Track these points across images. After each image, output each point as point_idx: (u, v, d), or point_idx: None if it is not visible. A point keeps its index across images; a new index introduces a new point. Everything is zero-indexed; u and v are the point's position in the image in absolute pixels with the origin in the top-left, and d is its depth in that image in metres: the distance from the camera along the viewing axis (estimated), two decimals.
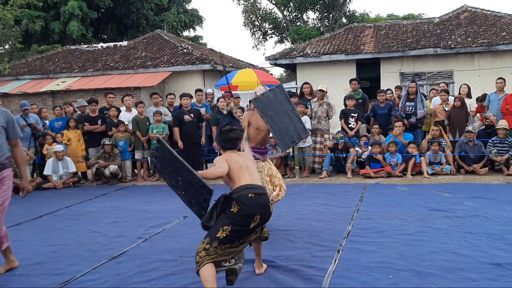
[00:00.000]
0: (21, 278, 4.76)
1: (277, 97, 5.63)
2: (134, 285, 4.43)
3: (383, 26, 20.42)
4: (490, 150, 9.68)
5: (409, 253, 4.92)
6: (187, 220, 6.90)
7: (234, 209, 3.77)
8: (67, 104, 12.26)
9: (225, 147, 4.15)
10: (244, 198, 3.79)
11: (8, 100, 18.63)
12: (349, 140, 10.50)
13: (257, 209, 3.80)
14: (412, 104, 10.29)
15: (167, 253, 5.30)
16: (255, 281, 4.35)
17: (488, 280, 4.15)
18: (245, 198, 3.79)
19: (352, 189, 8.71)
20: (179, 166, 3.81)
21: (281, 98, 5.69)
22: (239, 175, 3.94)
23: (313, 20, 36.60)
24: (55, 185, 10.57)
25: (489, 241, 5.23)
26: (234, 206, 3.78)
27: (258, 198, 3.84)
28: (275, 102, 5.57)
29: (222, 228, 3.74)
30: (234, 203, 3.79)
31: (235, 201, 3.79)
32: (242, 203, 3.77)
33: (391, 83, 15.52)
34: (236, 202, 3.78)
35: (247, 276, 4.44)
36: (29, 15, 25.79)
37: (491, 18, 18.34)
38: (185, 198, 4.05)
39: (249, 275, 4.47)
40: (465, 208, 6.81)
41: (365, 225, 6.10)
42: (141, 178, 11.14)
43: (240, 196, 3.80)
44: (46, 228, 6.89)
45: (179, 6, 34.26)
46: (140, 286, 4.39)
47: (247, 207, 3.76)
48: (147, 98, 15.33)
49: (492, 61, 16.21)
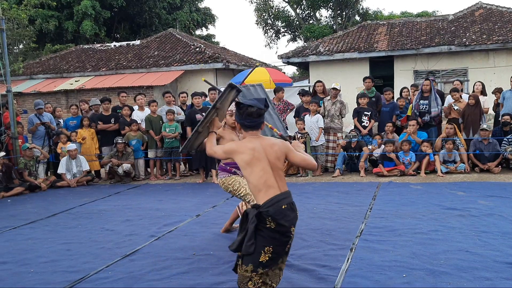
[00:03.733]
0: (35, 276, 4.81)
1: (257, 93, 5.52)
2: (147, 283, 4.45)
3: (397, 23, 20.31)
4: (505, 148, 9.60)
5: (422, 252, 4.89)
6: (200, 219, 6.93)
7: (271, 225, 3.29)
8: (82, 101, 12.39)
9: (246, 124, 3.50)
10: (279, 213, 3.30)
11: (23, 99, 18.82)
12: (362, 139, 10.47)
13: (290, 222, 3.35)
14: (426, 102, 10.23)
15: (180, 252, 5.33)
16: None
17: (503, 279, 4.12)
18: (280, 213, 3.31)
19: (365, 188, 8.69)
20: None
21: (260, 95, 5.57)
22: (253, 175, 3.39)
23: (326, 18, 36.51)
24: (69, 183, 10.66)
25: (504, 240, 5.19)
26: (269, 222, 3.29)
27: (289, 211, 3.36)
28: (255, 95, 5.43)
29: (264, 250, 3.29)
30: (269, 219, 3.28)
31: (271, 217, 3.28)
32: (278, 218, 3.28)
33: (404, 81, 15.46)
34: (272, 218, 3.28)
35: None
36: (43, 14, 26.04)
37: (506, 14, 18.15)
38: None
39: None
40: (480, 207, 6.76)
41: (378, 224, 6.09)
42: (154, 176, 11.19)
43: (276, 212, 3.29)
44: (60, 226, 6.95)
45: (192, 5, 34.33)
46: (153, 284, 4.41)
47: (284, 222, 3.30)
48: (160, 97, 15.40)
49: (507, 59, 16.06)
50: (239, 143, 3.55)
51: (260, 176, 3.37)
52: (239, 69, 19.57)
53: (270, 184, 3.38)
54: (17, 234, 6.58)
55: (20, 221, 7.37)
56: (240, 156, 3.44)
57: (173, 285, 4.36)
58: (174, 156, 11.02)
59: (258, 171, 3.38)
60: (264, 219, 3.29)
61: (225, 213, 7.09)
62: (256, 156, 3.40)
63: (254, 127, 3.51)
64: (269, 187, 3.37)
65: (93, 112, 11.70)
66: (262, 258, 3.29)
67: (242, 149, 3.45)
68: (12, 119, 11.00)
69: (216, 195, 8.65)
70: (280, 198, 3.36)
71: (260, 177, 3.37)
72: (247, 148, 3.44)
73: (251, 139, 3.51)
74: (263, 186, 3.37)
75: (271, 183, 3.38)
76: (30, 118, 11.48)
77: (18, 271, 4.98)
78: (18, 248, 5.83)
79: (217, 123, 4.04)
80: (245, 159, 3.42)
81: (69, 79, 20.16)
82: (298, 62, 19.11)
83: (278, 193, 3.37)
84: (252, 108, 3.46)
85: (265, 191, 3.36)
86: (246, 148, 3.44)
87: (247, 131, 3.54)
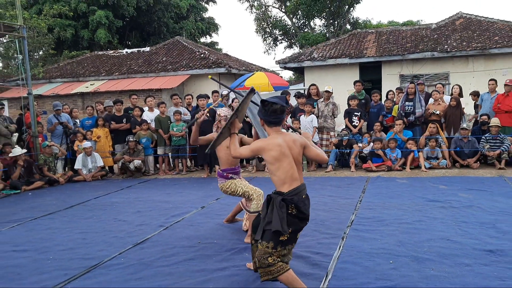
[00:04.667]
0: (54, 262, 4.81)
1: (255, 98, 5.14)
2: (157, 268, 4.46)
3: (384, 32, 20.27)
4: (483, 145, 9.60)
5: (408, 240, 4.90)
6: (204, 210, 6.93)
7: (292, 211, 3.41)
8: (98, 103, 12.40)
9: (271, 121, 3.54)
10: (301, 202, 3.44)
11: (42, 101, 18.81)
12: (352, 137, 10.48)
13: (308, 210, 3.52)
14: (411, 104, 10.23)
15: (186, 240, 5.33)
16: None
17: (481, 265, 4.12)
18: (302, 202, 3.45)
19: (355, 182, 8.69)
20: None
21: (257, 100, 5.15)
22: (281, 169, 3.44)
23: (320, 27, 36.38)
24: (84, 178, 10.66)
25: (482, 229, 5.20)
26: (291, 208, 3.41)
27: (307, 200, 3.54)
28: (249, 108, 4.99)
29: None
30: (292, 206, 3.41)
31: (294, 204, 3.41)
32: (299, 206, 3.42)
33: (391, 85, 15.43)
34: (295, 205, 3.41)
35: None
36: (60, 24, 26.02)
37: (484, 23, 18.13)
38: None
39: None
40: (460, 199, 6.77)
41: (367, 215, 6.09)
42: (162, 171, 11.19)
43: (298, 200, 3.43)
44: (77, 217, 6.96)
45: (197, 15, 34.28)
46: (162, 270, 4.42)
47: (304, 210, 3.45)
48: (168, 99, 15.40)
49: (485, 64, 16.04)
50: (266, 141, 3.53)
51: (287, 170, 3.44)
52: (240, 73, 19.55)
53: (295, 177, 3.47)
54: (37, 224, 6.58)
55: (40, 212, 7.37)
56: (269, 153, 3.46)
57: (180, 271, 4.36)
58: (181, 153, 11.02)
59: (285, 165, 3.44)
60: (287, 205, 3.40)
61: (227, 205, 7.09)
62: (282, 151, 3.44)
63: (278, 123, 3.56)
64: (294, 179, 3.46)
65: (107, 112, 11.69)
66: (282, 238, 3.41)
67: (270, 146, 3.46)
68: (33, 119, 11.00)
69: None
70: (301, 188, 3.49)
71: (287, 171, 3.44)
72: (274, 145, 3.45)
73: (276, 135, 3.53)
74: (289, 179, 3.45)
75: (295, 176, 3.47)
76: (49, 119, 11.47)
77: (38, 258, 4.99)
78: (38, 237, 5.84)
79: (237, 125, 3.98)
80: (274, 155, 3.44)
81: (85, 83, 20.14)
82: (294, 67, 19.08)
83: (299, 184, 3.49)
84: (277, 105, 3.50)
85: (290, 183, 3.45)
86: (273, 145, 3.45)
87: (271, 127, 3.57)
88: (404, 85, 15.01)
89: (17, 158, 9.85)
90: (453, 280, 3.82)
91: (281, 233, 3.38)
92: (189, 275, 4.23)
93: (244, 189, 5.18)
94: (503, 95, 10.06)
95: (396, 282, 3.82)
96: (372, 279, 3.92)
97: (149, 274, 4.33)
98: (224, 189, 5.36)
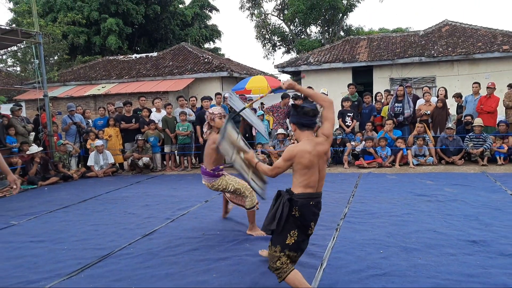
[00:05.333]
0: (68, 252, 4.81)
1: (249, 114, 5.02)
2: (164, 258, 4.46)
3: (375, 38, 20.24)
4: (467, 144, 9.60)
5: (397, 232, 4.90)
6: (208, 204, 6.93)
7: (296, 213, 3.23)
8: (110, 104, 12.40)
9: (303, 123, 3.27)
10: (306, 207, 3.24)
11: (57, 102, 18.80)
12: (346, 136, 10.47)
13: (311, 218, 3.30)
14: (400, 105, 10.21)
15: (191, 232, 5.33)
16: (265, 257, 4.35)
17: (465, 255, 4.13)
18: (306, 207, 3.24)
19: (348, 178, 8.69)
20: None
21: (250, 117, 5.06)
22: (306, 176, 3.24)
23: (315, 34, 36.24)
24: (96, 174, 10.65)
25: (466, 221, 5.20)
26: (295, 210, 3.23)
27: (315, 208, 3.30)
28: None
29: (290, 233, 3.24)
30: (296, 208, 3.23)
31: (298, 207, 3.22)
32: (303, 210, 3.24)
33: (382, 87, 15.39)
34: (299, 208, 3.23)
35: (255, 253, 4.43)
36: (74, 30, 25.98)
37: (469, 30, 18.10)
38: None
39: (256, 252, 4.44)
40: (445, 193, 6.77)
41: (360, 208, 6.09)
42: (169, 168, 11.18)
43: (303, 204, 3.23)
44: (89, 210, 6.96)
45: (201, 22, 34.22)
46: (168, 259, 4.42)
47: (306, 216, 3.25)
48: (174, 100, 15.39)
49: (469, 68, 16.02)
50: (297, 147, 3.24)
51: (308, 177, 3.23)
52: (241, 77, 19.53)
53: (313, 185, 3.26)
54: (53, 217, 6.59)
55: (55, 206, 7.38)
56: (300, 160, 3.20)
57: (185, 260, 4.37)
58: (186, 151, 11.02)
59: (310, 174, 3.23)
60: (293, 206, 3.22)
61: None
62: (311, 160, 3.21)
63: (310, 126, 3.29)
64: (311, 186, 3.26)
65: (117, 113, 11.69)
66: (288, 240, 3.22)
67: (301, 153, 3.20)
68: (49, 119, 11.00)
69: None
70: (313, 196, 3.27)
71: (308, 178, 3.23)
72: (305, 152, 3.20)
73: (307, 142, 3.26)
74: (306, 186, 3.25)
75: (313, 184, 3.27)
76: (63, 119, 11.47)
77: (54, 248, 5.00)
78: (54, 229, 5.85)
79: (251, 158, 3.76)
80: (303, 163, 3.20)
81: (97, 86, 20.11)
82: (291, 71, 19.03)
83: (313, 192, 3.28)
84: (308, 108, 3.26)
85: (305, 188, 3.25)
86: (304, 152, 3.20)
87: (303, 131, 3.30)
88: (393, 88, 15.01)
89: (34, 155, 9.85)
90: (439, 268, 3.82)
91: (287, 236, 3.20)
92: (194, 264, 4.23)
93: (236, 186, 5.08)
94: (485, 97, 10.06)
95: (386, 270, 3.83)
96: (364, 267, 3.92)
97: (156, 263, 4.34)
98: (216, 186, 5.17)
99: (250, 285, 3.65)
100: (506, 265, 3.84)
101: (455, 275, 3.66)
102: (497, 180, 7.66)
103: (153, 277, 3.98)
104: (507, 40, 16.14)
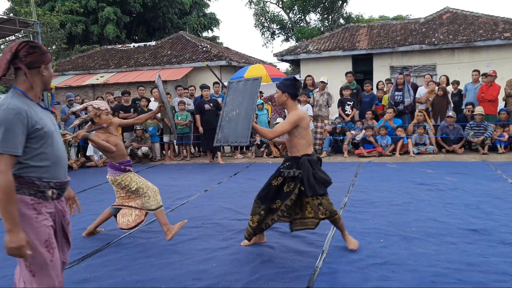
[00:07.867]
0: None
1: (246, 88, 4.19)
2: (164, 247, 4.47)
3: (375, 25, 20.12)
4: (467, 132, 9.59)
5: (397, 220, 4.91)
6: (207, 194, 6.94)
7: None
8: (108, 93, 12.38)
9: (296, 94, 3.96)
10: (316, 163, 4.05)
11: (56, 92, 18.71)
12: (345, 125, 10.45)
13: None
14: (400, 94, 10.17)
15: (191, 221, 5.32)
16: (264, 246, 4.36)
17: (466, 243, 4.13)
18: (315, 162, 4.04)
19: (348, 167, 8.69)
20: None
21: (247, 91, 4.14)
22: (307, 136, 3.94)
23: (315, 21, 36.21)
24: (96, 163, 10.66)
25: (466, 210, 5.21)
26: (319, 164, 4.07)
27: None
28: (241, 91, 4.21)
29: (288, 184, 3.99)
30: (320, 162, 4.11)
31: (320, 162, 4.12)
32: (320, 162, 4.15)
33: (382, 76, 15.36)
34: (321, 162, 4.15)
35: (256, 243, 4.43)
36: (72, 19, 25.82)
37: (470, 18, 17.99)
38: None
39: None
40: (446, 182, 6.77)
41: (359, 197, 6.09)
42: (168, 158, 11.18)
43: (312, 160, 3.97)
44: (90, 200, 6.97)
45: (199, 11, 34.02)
46: (168, 248, 4.43)
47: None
48: (173, 90, 15.31)
49: (470, 56, 15.94)
50: (299, 111, 3.91)
51: (310, 135, 3.97)
52: (240, 65, 19.45)
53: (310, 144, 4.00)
54: None
55: None
56: (304, 120, 3.86)
57: (185, 249, 4.38)
58: (185, 140, 11.01)
59: (308, 131, 3.94)
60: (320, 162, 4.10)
61: (228, 188, 7.11)
62: (308, 122, 3.94)
63: (297, 97, 4.01)
64: (310, 145, 3.99)
65: (116, 103, 11.66)
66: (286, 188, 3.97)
67: (303, 114, 3.87)
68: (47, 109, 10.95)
69: (221, 173, 8.65)
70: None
71: (308, 138, 3.94)
72: (305, 113, 3.94)
73: (299, 109, 4.01)
74: (309, 144, 3.96)
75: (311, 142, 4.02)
76: (62, 109, 11.46)
77: None
78: None
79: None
80: (307, 122, 3.90)
81: (95, 75, 20.04)
82: (290, 59, 18.95)
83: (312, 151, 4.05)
84: (298, 82, 4.04)
85: (310, 147, 3.96)
86: (304, 114, 3.91)
87: (294, 100, 3.95)
88: (393, 76, 14.97)
89: None
90: (439, 257, 3.83)
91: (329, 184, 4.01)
92: (193, 253, 4.24)
93: (139, 185, 4.68)
94: (486, 85, 10.01)
95: (387, 259, 3.83)
96: (364, 256, 3.93)
97: (156, 252, 4.35)
98: (119, 181, 4.75)
99: (250, 274, 3.66)
100: (507, 253, 3.85)
101: (456, 264, 3.66)
102: (498, 169, 7.66)
103: (153, 266, 3.99)
104: (508, 28, 16.04)
